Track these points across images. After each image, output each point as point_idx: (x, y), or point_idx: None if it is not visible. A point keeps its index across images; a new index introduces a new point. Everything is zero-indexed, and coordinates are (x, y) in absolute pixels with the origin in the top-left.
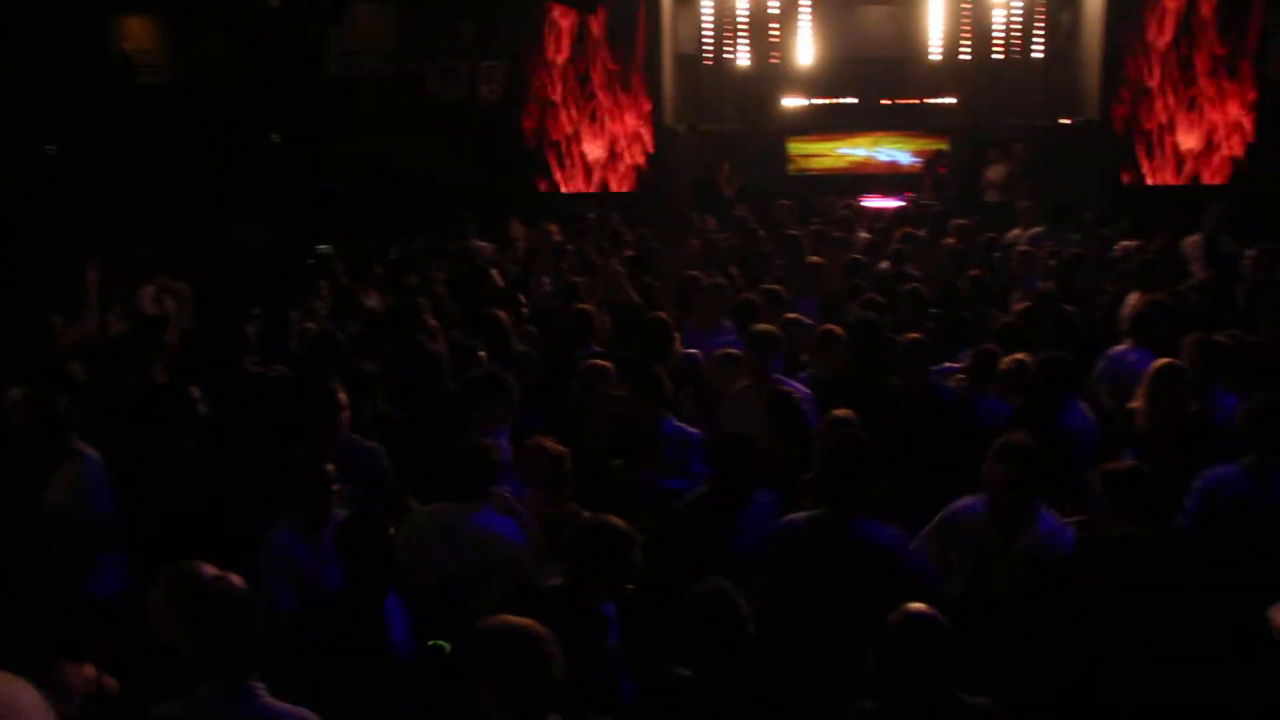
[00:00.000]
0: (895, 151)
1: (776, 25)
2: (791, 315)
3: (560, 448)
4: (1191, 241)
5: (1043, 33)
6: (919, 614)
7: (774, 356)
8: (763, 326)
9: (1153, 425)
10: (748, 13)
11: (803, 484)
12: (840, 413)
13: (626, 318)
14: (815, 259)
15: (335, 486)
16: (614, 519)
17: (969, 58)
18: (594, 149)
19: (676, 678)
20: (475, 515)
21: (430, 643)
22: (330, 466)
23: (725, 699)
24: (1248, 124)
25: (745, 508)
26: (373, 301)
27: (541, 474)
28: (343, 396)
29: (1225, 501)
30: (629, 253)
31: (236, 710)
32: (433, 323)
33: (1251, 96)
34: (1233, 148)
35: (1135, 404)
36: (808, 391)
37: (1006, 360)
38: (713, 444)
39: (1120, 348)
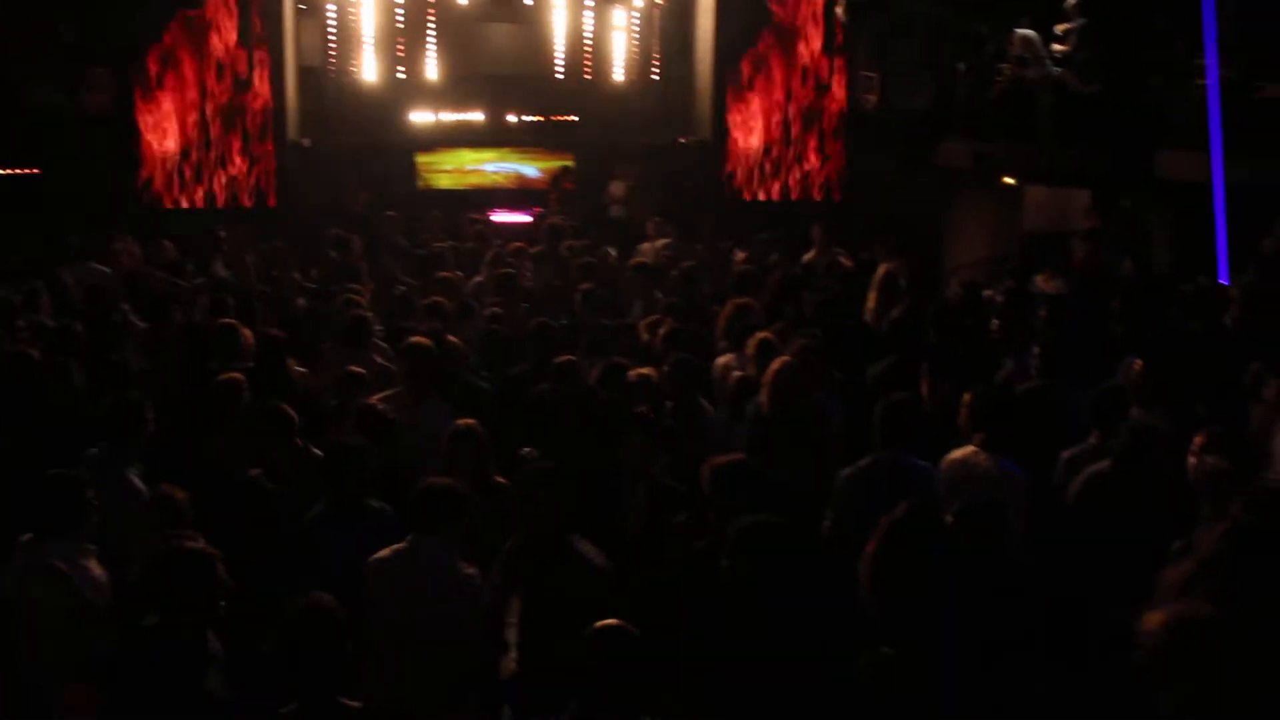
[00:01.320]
0: (522, 166)
1: (403, 40)
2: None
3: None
4: (808, 258)
5: (659, 58)
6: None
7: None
8: (418, 340)
9: (774, 421)
10: (374, 26)
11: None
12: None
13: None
14: (446, 274)
15: None
16: (191, 544)
17: (590, 78)
18: (211, 162)
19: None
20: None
21: None
22: None
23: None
24: (837, 148)
25: (361, 518)
26: None
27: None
28: None
29: (860, 496)
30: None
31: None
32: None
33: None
34: (827, 170)
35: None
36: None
37: (634, 373)
38: (326, 458)
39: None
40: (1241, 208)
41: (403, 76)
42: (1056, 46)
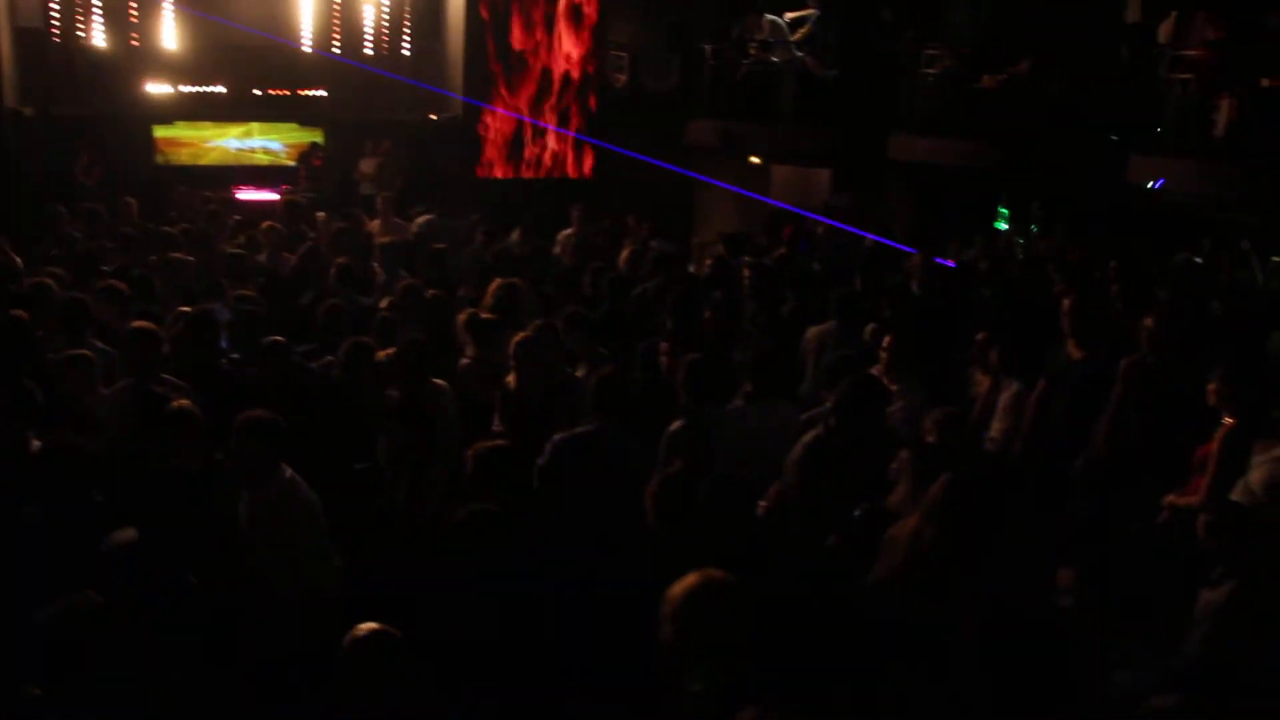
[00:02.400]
0: (269, 142)
1: (135, 4)
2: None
3: None
4: (564, 235)
5: (409, 33)
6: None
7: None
8: (142, 324)
9: (521, 393)
10: None
11: None
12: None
13: None
14: (179, 255)
15: None
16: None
17: (340, 52)
18: None
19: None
20: None
21: None
22: None
23: None
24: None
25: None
26: None
27: None
28: None
29: (573, 462)
30: None
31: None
32: None
33: (584, 102)
34: (566, 149)
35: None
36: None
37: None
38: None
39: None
40: (966, 188)
41: (137, 44)
42: (799, 33)
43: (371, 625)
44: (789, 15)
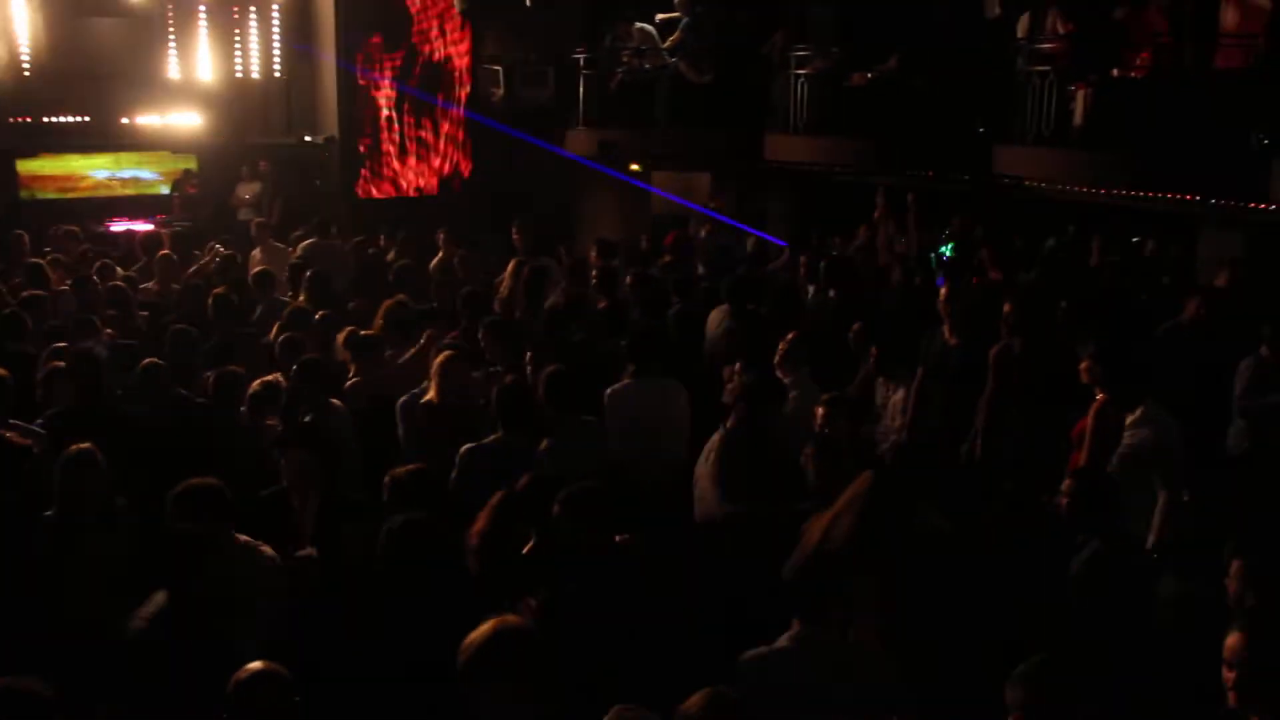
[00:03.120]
0: (140, 171)
1: None
2: None
3: None
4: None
5: (280, 55)
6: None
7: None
8: None
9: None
10: None
11: None
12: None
13: None
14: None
15: None
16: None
17: (211, 76)
18: None
19: None
20: None
21: None
22: None
23: None
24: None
25: None
26: None
27: None
28: None
29: (479, 473)
30: None
31: None
32: None
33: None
34: (454, 164)
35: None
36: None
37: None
38: None
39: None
40: (843, 185)
41: None
42: (670, 39)
43: (258, 665)
44: (659, 17)
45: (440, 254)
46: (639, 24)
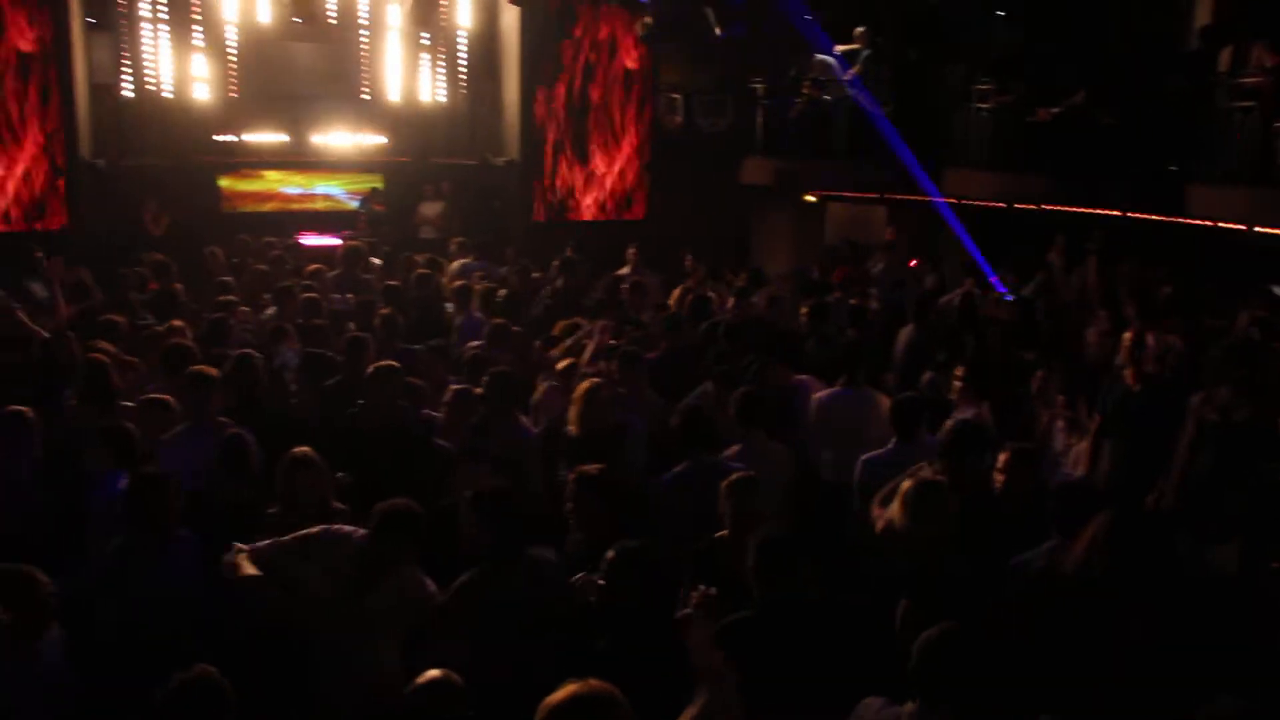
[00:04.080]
0: (331, 188)
1: (203, 59)
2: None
3: None
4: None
5: (465, 77)
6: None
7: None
8: (201, 369)
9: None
10: (170, 44)
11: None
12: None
13: None
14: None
15: None
16: None
17: (399, 98)
18: None
19: None
20: None
21: None
22: None
23: None
24: (635, 169)
25: (168, 546)
26: None
27: None
28: None
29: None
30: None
31: None
32: None
33: (638, 143)
34: (635, 189)
35: None
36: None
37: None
38: (131, 486)
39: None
40: (1021, 221)
41: (204, 96)
42: (851, 71)
43: (436, 673)
44: (839, 48)
45: (628, 269)
46: (819, 55)
